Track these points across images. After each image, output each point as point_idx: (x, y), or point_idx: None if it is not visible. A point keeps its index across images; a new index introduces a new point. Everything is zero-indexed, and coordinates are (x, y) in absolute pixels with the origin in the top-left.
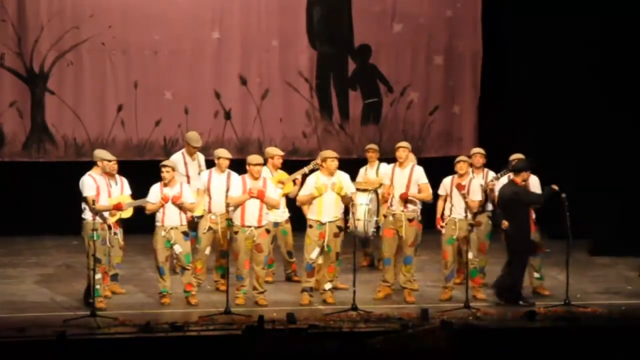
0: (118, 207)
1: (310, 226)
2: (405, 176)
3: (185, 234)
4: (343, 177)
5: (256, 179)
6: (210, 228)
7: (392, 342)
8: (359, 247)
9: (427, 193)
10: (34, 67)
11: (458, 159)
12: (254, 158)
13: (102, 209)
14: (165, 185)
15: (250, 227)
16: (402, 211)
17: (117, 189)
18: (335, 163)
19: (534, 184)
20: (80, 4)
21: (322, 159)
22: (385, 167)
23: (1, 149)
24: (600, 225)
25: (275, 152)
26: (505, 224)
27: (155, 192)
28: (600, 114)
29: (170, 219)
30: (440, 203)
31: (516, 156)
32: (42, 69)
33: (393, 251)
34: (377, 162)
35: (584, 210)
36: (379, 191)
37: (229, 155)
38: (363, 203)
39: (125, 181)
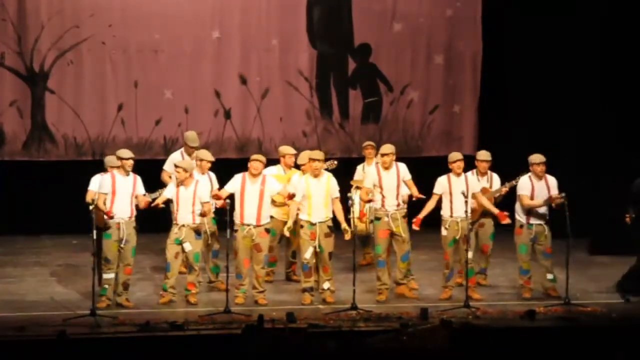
0: (108, 214)
1: (302, 226)
2: (394, 176)
3: (197, 232)
4: (331, 179)
5: (254, 176)
6: (205, 232)
7: (392, 342)
8: (358, 246)
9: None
10: (34, 67)
11: (455, 158)
12: (254, 155)
13: (101, 209)
14: (180, 184)
15: (249, 225)
16: (396, 210)
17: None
18: (317, 164)
19: (552, 184)
20: (80, 3)
21: (308, 159)
22: (362, 170)
23: (1, 149)
24: (600, 224)
25: (287, 151)
26: (629, 218)
27: (169, 189)
28: (600, 114)
29: (183, 217)
30: (431, 203)
31: (536, 156)
32: (42, 68)
33: (387, 252)
34: (374, 159)
35: (584, 210)
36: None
37: (212, 158)
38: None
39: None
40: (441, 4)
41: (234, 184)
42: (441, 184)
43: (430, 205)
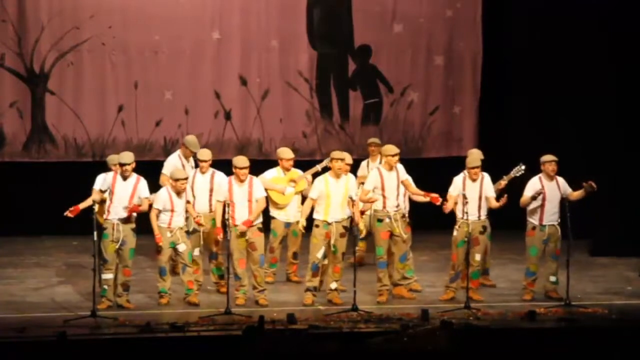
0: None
1: (317, 226)
2: (394, 177)
3: (187, 232)
4: (350, 179)
5: (242, 181)
6: (195, 230)
7: (392, 342)
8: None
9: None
10: (34, 68)
11: (473, 165)
12: (240, 161)
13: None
14: (178, 194)
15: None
16: (397, 211)
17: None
18: (340, 164)
19: (563, 184)
20: (80, 4)
21: (331, 158)
22: (367, 166)
23: (1, 149)
24: (601, 225)
25: (284, 155)
26: None
27: (163, 199)
28: (600, 114)
29: (177, 221)
30: (451, 202)
31: (547, 155)
32: (43, 69)
33: (388, 253)
34: (379, 156)
35: (584, 211)
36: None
37: (209, 158)
38: None
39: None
40: (441, 5)
41: (222, 191)
42: (456, 185)
43: (452, 203)
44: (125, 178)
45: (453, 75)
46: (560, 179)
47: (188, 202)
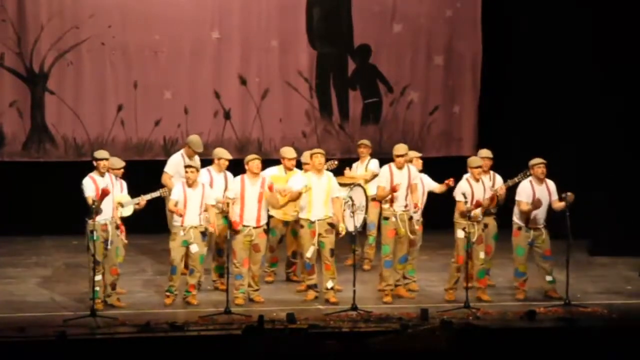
0: (104, 192)
1: (302, 226)
2: (405, 177)
3: (203, 234)
4: (332, 178)
5: (255, 174)
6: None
7: (392, 342)
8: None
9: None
10: (34, 67)
11: (475, 164)
12: (251, 156)
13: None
14: (189, 186)
15: (248, 226)
16: (404, 211)
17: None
18: (319, 159)
19: (552, 189)
20: (80, 4)
21: (309, 155)
22: (375, 165)
23: (1, 149)
24: (601, 225)
25: (286, 155)
26: None
27: (177, 192)
28: (600, 114)
29: (191, 219)
30: (467, 207)
31: (536, 159)
32: (42, 68)
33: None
34: (368, 157)
35: (584, 210)
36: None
37: (229, 156)
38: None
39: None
40: (441, 5)
41: (234, 188)
42: (463, 190)
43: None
44: (103, 174)
45: (453, 75)
46: (551, 183)
47: (213, 205)
